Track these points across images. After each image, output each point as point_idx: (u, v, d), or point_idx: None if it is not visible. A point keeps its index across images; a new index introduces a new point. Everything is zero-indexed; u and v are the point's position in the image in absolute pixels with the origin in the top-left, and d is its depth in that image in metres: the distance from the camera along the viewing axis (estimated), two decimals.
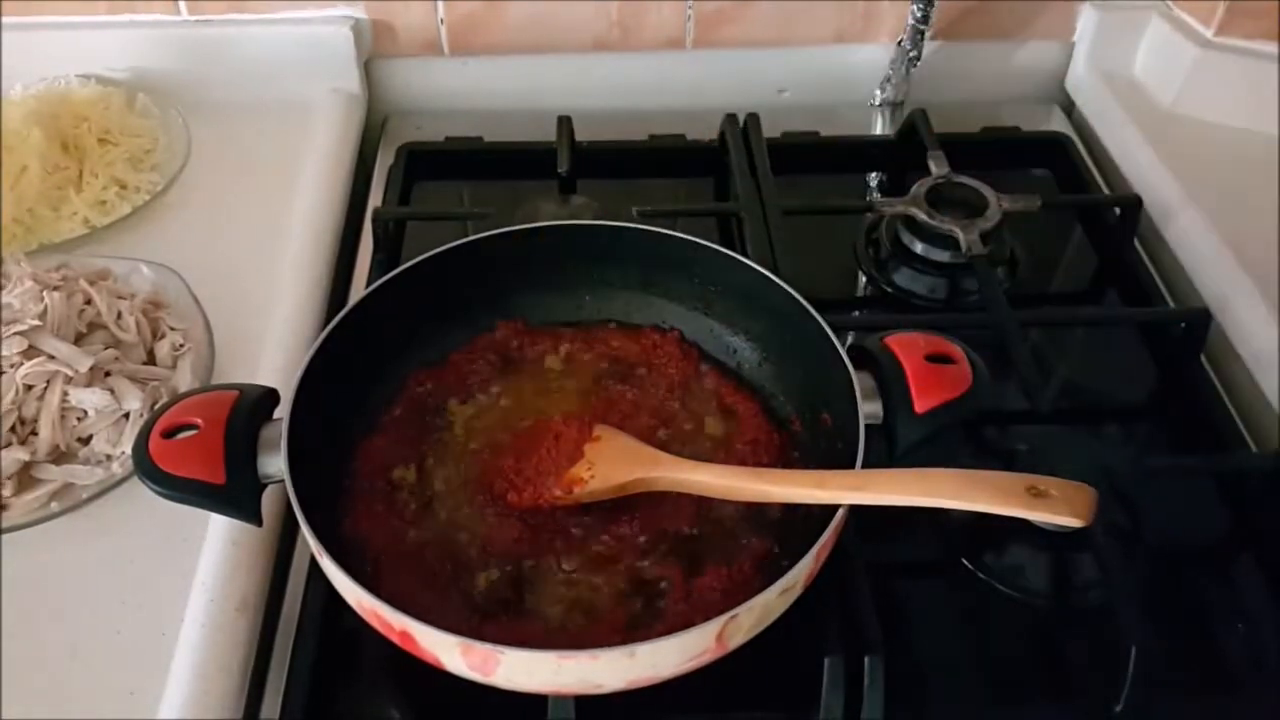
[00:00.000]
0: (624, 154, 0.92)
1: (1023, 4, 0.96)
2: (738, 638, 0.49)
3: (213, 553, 0.59)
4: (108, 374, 0.65)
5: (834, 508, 0.51)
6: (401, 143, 0.92)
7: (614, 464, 0.58)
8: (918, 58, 0.93)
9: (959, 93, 0.98)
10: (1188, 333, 0.74)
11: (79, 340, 0.66)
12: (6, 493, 0.61)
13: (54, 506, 0.61)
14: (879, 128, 0.97)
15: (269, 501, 0.55)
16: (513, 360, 0.67)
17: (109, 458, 0.63)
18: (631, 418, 0.63)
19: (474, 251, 0.65)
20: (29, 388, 0.63)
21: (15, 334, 0.63)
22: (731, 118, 0.91)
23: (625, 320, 0.69)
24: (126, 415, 0.64)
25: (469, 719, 0.55)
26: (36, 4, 0.90)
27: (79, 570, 0.60)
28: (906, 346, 0.56)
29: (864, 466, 0.52)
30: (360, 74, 0.95)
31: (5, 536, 0.60)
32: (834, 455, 0.57)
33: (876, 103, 0.98)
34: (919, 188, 0.81)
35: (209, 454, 0.51)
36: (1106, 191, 0.90)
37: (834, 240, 0.85)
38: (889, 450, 0.55)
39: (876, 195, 0.92)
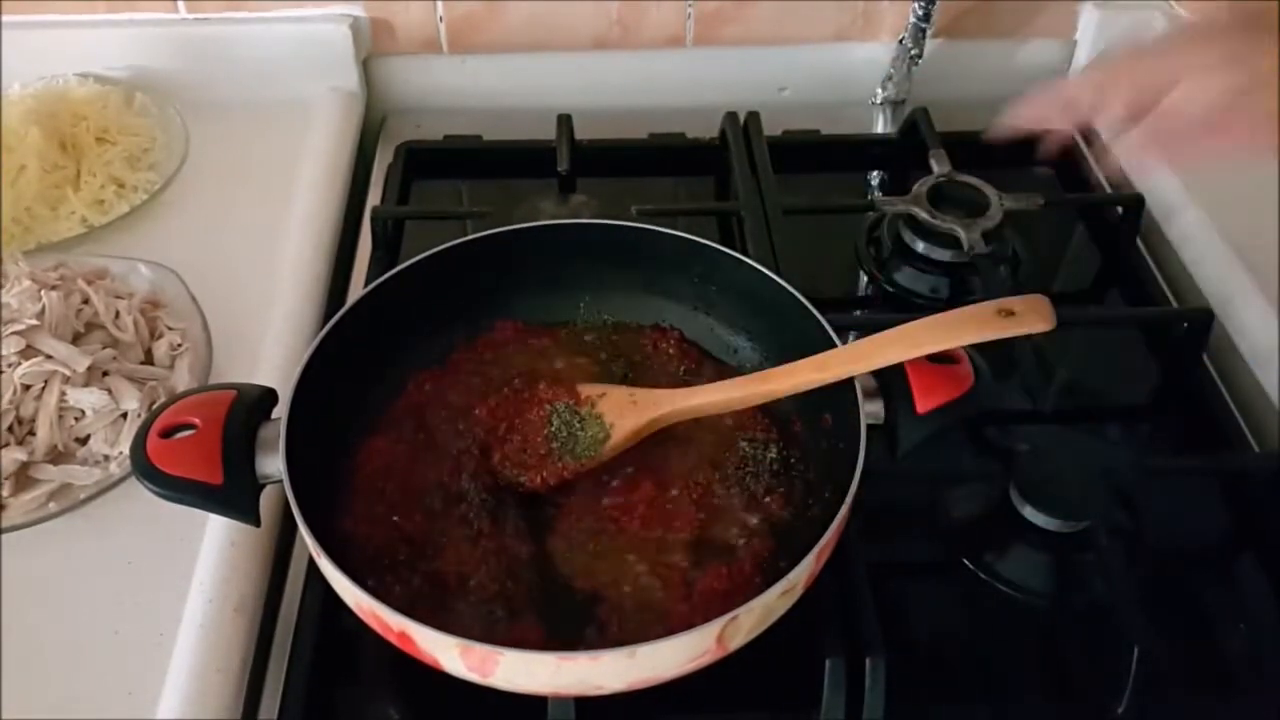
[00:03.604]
0: (624, 152, 0.92)
1: (1024, 3, 0.96)
2: (738, 639, 0.49)
3: (211, 553, 0.59)
4: (105, 374, 0.65)
5: (835, 509, 0.51)
6: (400, 141, 0.92)
7: (621, 415, 0.58)
8: (919, 56, 0.93)
9: (961, 91, 0.98)
10: (1190, 332, 0.73)
11: (76, 340, 0.66)
12: (4, 493, 0.60)
13: (52, 507, 0.61)
14: (880, 126, 0.97)
15: (267, 502, 0.55)
16: (512, 360, 0.66)
17: (107, 458, 0.63)
18: None
19: (473, 250, 0.65)
20: (26, 387, 0.63)
21: (13, 334, 0.63)
22: (732, 116, 0.91)
23: (625, 320, 0.69)
24: (124, 415, 0.64)
25: None
26: (35, 3, 0.90)
27: (77, 570, 0.60)
28: None
29: (865, 468, 0.52)
30: (359, 72, 0.94)
31: (3, 537, 0.60)
32: (835, 455, 0.57)
33: (878, 101, 0.97)
34: (920, 186, 0.81)
35: (207, 454, 0.51)
36: (1108, 190, 0.89)
37: (835, 239, 0.85)
38: (890, 450, 0.55)
39: (878, 194, 0.91)
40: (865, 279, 0.82)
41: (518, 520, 0.58)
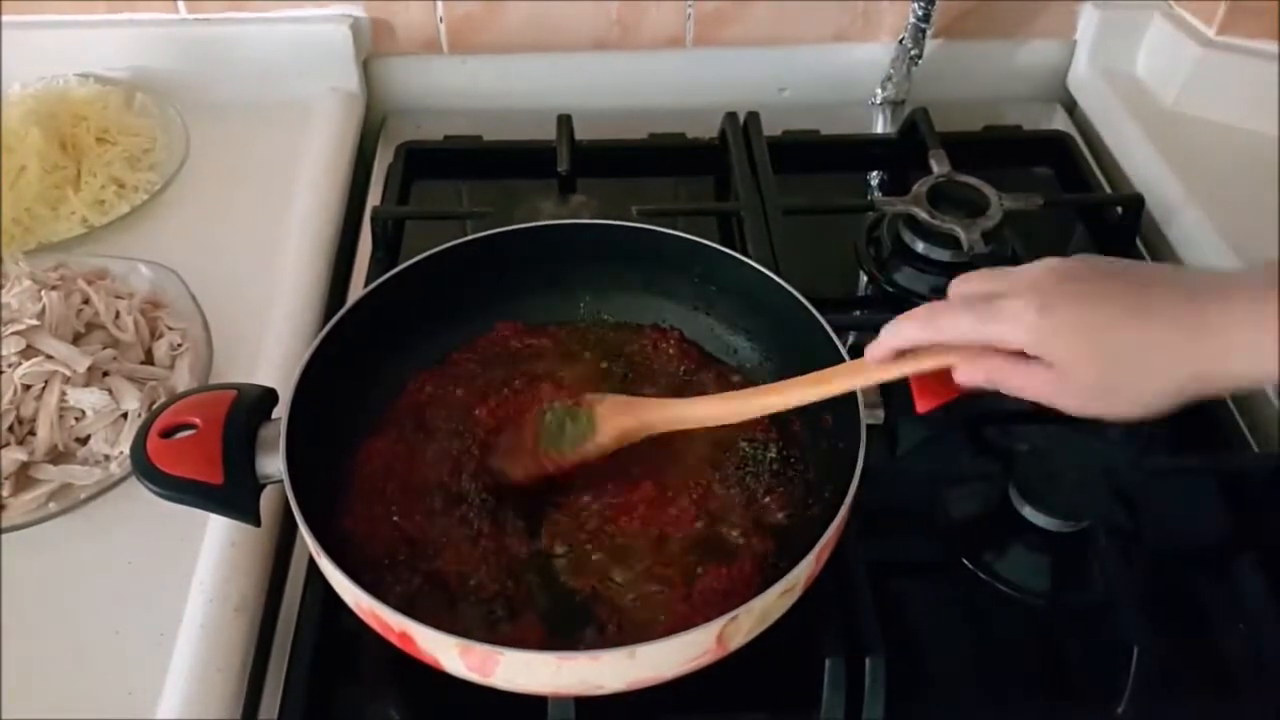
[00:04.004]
0: (624, 153, 0.92)
1: (1024, 3, 0.96)
2: (738, 639, 0.49)
3: (211, 553, 0.59)
4: (106, 374, 0.65)
5: (835, 509, 0.51)
6: (401, 141, 0.92)
7: (614, 416, 0.58)
8: (919, 56, 0.93)
9: (960, 91, 0.98)
10: None
11: (77, 340, 0.66)
12: (5, 493, 0.61)
13: (52, 507, 0.61)
14: (880, 126, 0.97)
15: (267, 501, 0.55)
16: (512, 360, 0.66)
17: (107, 458, 0.63)
18: None
19: (473, 251, 0.65)
20: (27, 387, 0.63)
21: (13, 334, 0.63)
22: (732, 116, 0.91)
23: (625, 320, 0.69)
24: (124, 415, 0.64)
25: None
26: (35, 3, 0.90)
27: (77, 570, 0.60)
28: None
29: (865, 468, 0.52)
30: (359, 73, 0.94)
31: (4, 537, 0.60)
32: (835, 455, 0.57)
33: (877, 101, 0.98)
34: (920, 186, 0.81)
35: (207, 454, 0.51)
36: (1108, 190, 0.89)
37: (835, 239, 0.85)
38: (890, 450, 0.55)
39: (878, 194, 0.91)
40: (865, 279, 0.82)
41: (517, 520, 0.58)
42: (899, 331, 0.49)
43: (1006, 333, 0.46)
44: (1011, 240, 0.82)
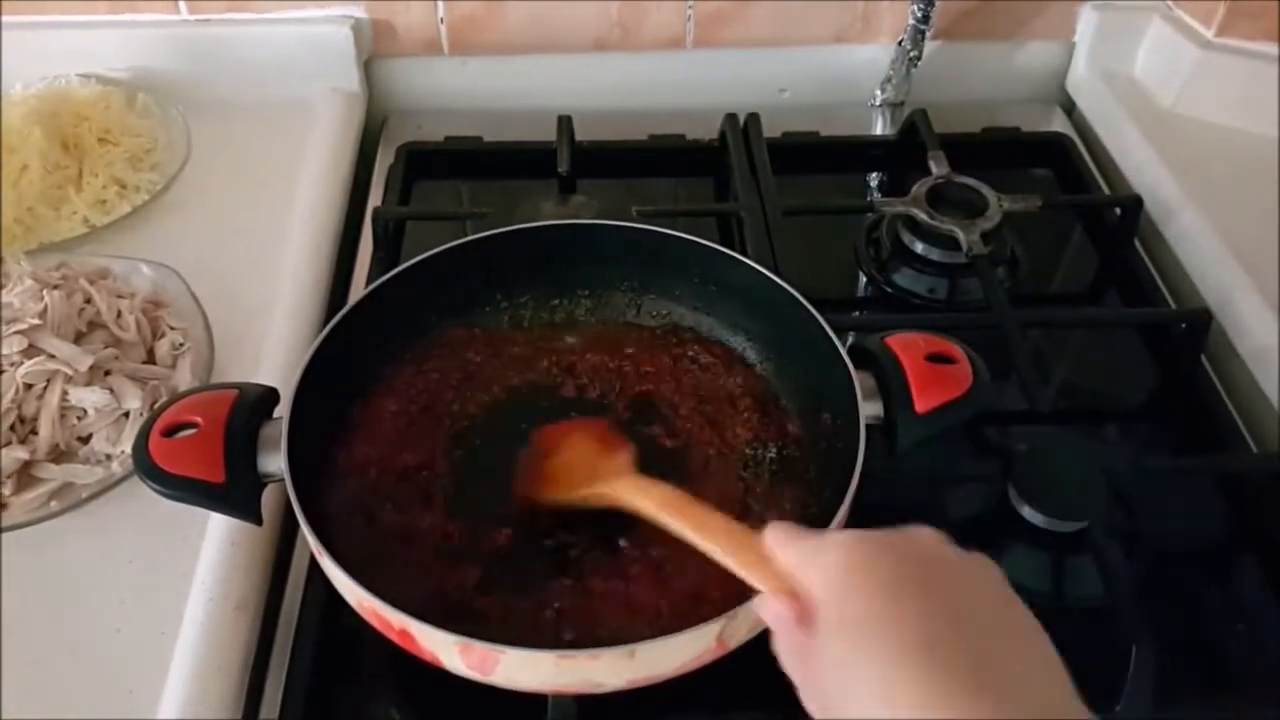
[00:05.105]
0: (624, 154, 0.92)
1: (1023, 4, 0.96)
2: (738, 638, 0.49)
3: (212, 552, 0.59)
4: (107, 373, 0.65)
5: (835, 509, 0.51)
6: (401, 142, 0.92)
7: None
8: (918, 58, 0.93)
9: (959, 93, 0.98)
10: (1188, 333, 0.74)
11: (79, 339, 0.66)
12: (6, 492, 0.61)
13: (53, 505, 0.61)
14: (879, 128, 0.97)
15: (268, 500, 0.55)
16: (513, 360, 0.66)
17: (109, 457, 0.63)
18: None
19: (474, 251, 0.65)
20: (29, 386, 0.63)
21: (15, 333, 0.63)
22: (732, 117, 0.91)
23: (625, 320, 0.69)
24: (126, 414, 0.64)
25: (469, 719, 0.55)
26: (37, 3, 0.90)
27: (78, 569, 0.60)
28: (907, 346, 0.56)
29: (865, 468, 0.52)
30: (360, 73, 0.95)
31: (5, 535, 0.60)
32: (835, 455, 0.57)
33: (877, 103, 0.98)
34: (919, 188, 0.81)
35: (209, 453, 0.51)
36: (1107, 192, 0.90)
37: (834, 240, 0.85)
38: (890, 450, 0.55)
39: (877, 195, 0.91)
40: (864, 280, 0.82)
41: (519, 517, 0.58)
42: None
43: (798, 571, 0.40)
44: (1011, 241, 0.82)
